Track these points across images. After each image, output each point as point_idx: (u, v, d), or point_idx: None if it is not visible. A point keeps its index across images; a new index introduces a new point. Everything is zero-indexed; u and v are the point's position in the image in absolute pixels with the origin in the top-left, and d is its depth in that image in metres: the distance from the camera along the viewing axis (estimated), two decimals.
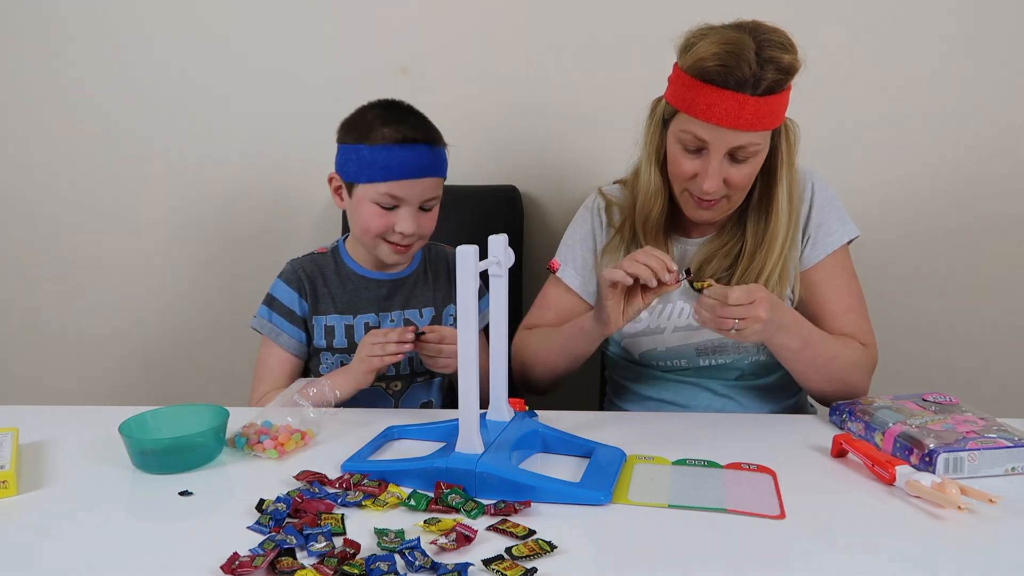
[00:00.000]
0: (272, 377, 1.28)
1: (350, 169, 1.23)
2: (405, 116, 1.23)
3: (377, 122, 1.21)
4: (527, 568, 0.72)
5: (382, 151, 1.19)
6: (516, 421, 0.98)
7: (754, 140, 1.08)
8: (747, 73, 1.03)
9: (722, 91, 1.04)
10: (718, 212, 1.17)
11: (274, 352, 1.28)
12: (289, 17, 1.69)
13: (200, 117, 1.74)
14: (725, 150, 1.09)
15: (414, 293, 1.33)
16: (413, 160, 1.20)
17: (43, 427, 1.08)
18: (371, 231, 1.23)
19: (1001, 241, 1.65)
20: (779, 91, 1.06)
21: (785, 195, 1.16)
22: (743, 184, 1.13)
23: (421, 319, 1.31)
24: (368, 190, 1.21)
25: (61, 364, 1.88)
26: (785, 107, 1.10)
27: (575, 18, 1.63)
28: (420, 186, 1.21)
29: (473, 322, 0.86)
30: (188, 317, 1.83)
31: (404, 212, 1.22)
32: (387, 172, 1.19)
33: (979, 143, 1.62)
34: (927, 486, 0.84)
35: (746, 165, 1.11)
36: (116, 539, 0.80)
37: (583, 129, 1.68)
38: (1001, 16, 1.57)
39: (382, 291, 1.31)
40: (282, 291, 1.28)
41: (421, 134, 1.21)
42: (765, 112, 1.06)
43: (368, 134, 1.20)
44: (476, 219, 1.59)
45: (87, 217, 1.80)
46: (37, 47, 1.72)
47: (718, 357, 1.23)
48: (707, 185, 1.11)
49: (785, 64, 1.05)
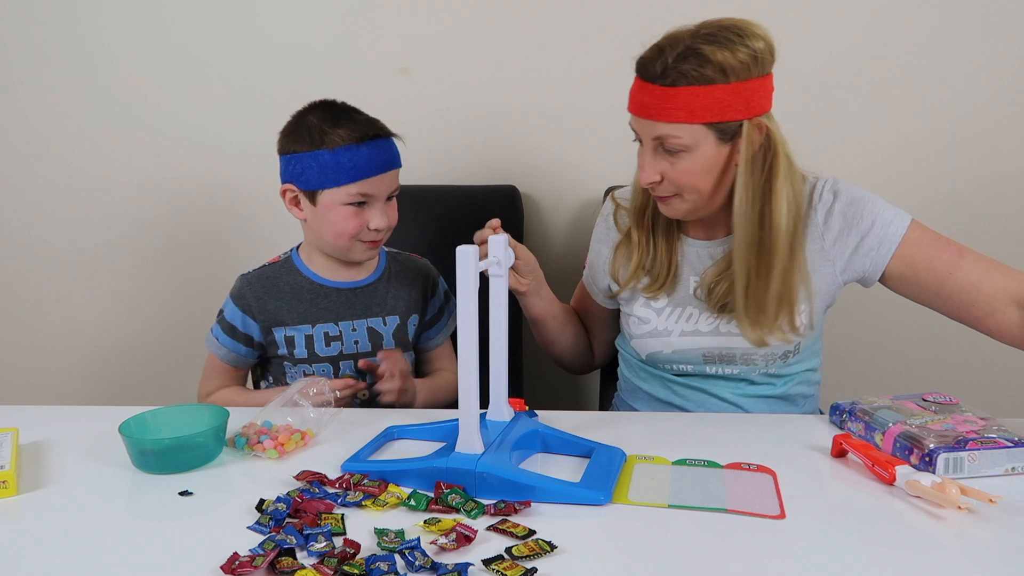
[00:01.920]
0: (208, 379, 1.35)
1: (310, 177, 1.21)
2: (351, 115, 1.23)
3: (326, 125, 1.20)
4: (527, 568, 0.72)
5: (346, 152, 1.19)
6: (516, 421, 0.98)
7: (672, 132, 1.06)
8: (659, 64, 1.05)
9: (640, 81, 1.08)
10: (676, 209, 1.15)
11: (211, 358, 1.34)
12: (289, 17, 1.69)
13: (200, 117, 1.74)
14: (649, 141, 1.10)
15: (375, 300, 1.32)
16: (377, 156, 1.21)
17: (43, 427, 1.08)
18: (346, 233, 1.23)
19: (1001, 241, 1.65)
20: (699, 85, 1.04)
21: (744, 200, 1.09)
22: (685, 181, 1.10)
23: (385, 326, 1.31)
24: (337, 194, 1.21)
25: (61, 364, 1.88)
26: (723, 104, 1.04)
27: (576, 18, 1.63)
28: (387, 180, 1.23)
29: (473, 322, 0.86)
30: (188, 317, 1.84)
31: (375, 208, 1.23)
32: (355, 172, 1.20)
33: (981, 143, 1.62)
34: (927, 486, 0.84)
35: (679, 160, 1.09)
36: (116, 539, 0.80)
37: (583, 129, 1.68)
38: (1001, 16, 1.57)
39: (341, 299, 1.30)
40: (228, 308, 1.31)
41: (376, 130, 1.22)
42: (673, 103, 1.04)
43: (323, 139, 1.19)
44: (476, 219, 1.59)
45: (87, 216, 1.80)
46: (35, 44, 1.72)
47: (725, 366, 1.22)
48: (640, 176, 1.12)
49: (713, 59, 1.02)
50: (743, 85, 1.05)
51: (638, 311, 1.25)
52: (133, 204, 1.79)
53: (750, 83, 1.05)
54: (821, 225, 1.17)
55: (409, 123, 1.69)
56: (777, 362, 1.20)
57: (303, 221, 1.28)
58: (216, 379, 1.34)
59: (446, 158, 1.73)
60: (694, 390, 1.25)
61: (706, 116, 1.05)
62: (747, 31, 1.05)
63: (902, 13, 1.59)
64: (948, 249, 1.14)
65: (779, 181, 1.09)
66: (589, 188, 1.64)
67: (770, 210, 1.09)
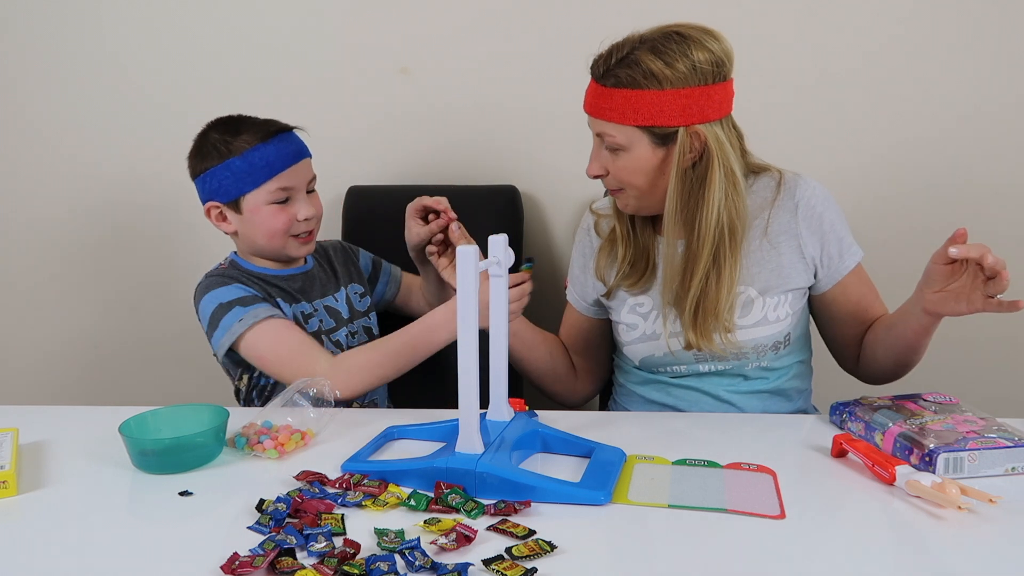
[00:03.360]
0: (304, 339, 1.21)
1: (228, 188, 1.24)
2: (247, 121, 1.27)
3: (228, 136, 1.24)
4: (527, 568, 0.72)
5: (255, 153, 1.23)
6: (516, 421, 0.98)
7: (607, 131, 1.13)
8: (602, 65, 1.11)
9: (591, 80, 1.15)
10: (624, 203, 1.20)
11: (279, 323, 1.22)
12: (289, 17, 1.69)
13: (200, 116, 1.73)
14: (595, 137, 1.17)
15: (318, 283, 1.36)
16: (285, 147, 1.25)
17: (43, 427, 1.08)
18: (278, 230, 1.26)
19: (1001, 241, 1.65)
20: (632, 88, 1.09)
21: (673, 204, 1.13)
22: (624, 178, 1.16)
23: (336, 303, 1.36)
24: (258, 195, 1.24)
25: (61, 364, 1.88)
26: (656, 109, 1.08)
27: (576, 18, 1.63)
28: (302, 170, 1.27)
29: (473, 322, 0.86)
30: (189, 317, 1.83)
31: (298, 199, 1.27)
32: (270, 169, 1.24)
33: (981, 142, 1.62)
34: (927, 486, 0.84)
35: (618, 158, 1.15)
36: (116, 539, 0.80)
37: (583, 129, 1.66)
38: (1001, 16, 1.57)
39: (295, 285, 1.33)
40: (233, 290, 1.24)
41: (277, 126, 1.27)
42: (607, 103, 1.11)
43: (229, 148, 1.24)
44: (476, 219, 1.59)
45: (87, 216, 1.80)
46: (35, 44, 1.72)
47: (718, 363, 1.22)
48: (587, 168, 1.19)
49: (644, 67, 1.07)
50: (679, 92, 1.08)
51: (625, 318, 1.26)
52: (133, 204, 1.79)
53: (687, 91, 1.08)
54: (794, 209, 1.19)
55: (409, 123, 1.71)
56: (768, 354, 1.21)
57: (234, 234, 1.31)
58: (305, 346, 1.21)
59: (446, 158, 1.72)
60: (689, 390, 1.25)
61: (638, 119, 1.10)
62: (693, 40, 1.08)
63: (901, 13, 1.59)
64: (871, 293, 1.25)
65: (711, 190, 1.11)
66: (589, 188, 1.63)
67: (701, 217, 1.12)
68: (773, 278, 1.19)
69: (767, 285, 1.19)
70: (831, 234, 1.19)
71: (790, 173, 1.22)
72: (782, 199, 1.20)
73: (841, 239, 1.20)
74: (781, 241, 1.19)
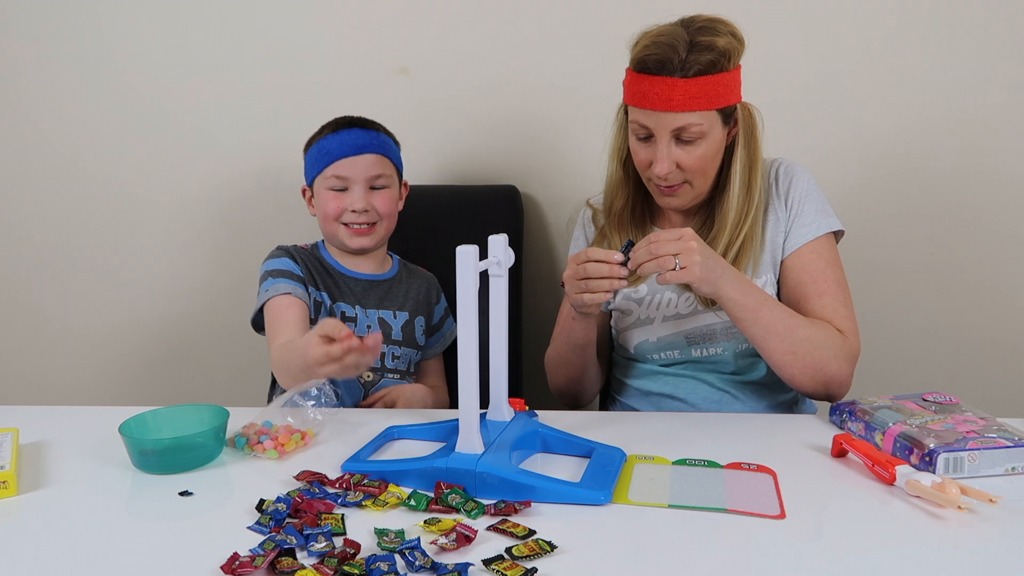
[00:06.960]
0: (286, 324, 1.24)
1: (307, 172, 1.37)
2: (347, 118, 1.36)
3: (320, 129, 1.36)
4: (527, 568, 0.72)
5: (324, 141, 1.33)
6: (516, 421, 0.98)
7: (693, 120, 1.13)
8: (676, 59, 1.11)
9: (655, 78, 1.12)
10: (683, 198, 1.22)
11: (282, 301, 1.27)
12: (289, 17, 1.69)
13: (200, 117, 1.74)
14: (668, 133, 1.15)
15: (389, 294, 1.39)
16: (349, 140, 1.32)
17: (43, 427, 1.08)
18: (329, 215, 1.32)
19: (1002, 240, 1.65)
20: (713, 73, 1.11)
21: (740, 174, 1.19)
22: (698, 167, 1.17)
23: (395, 319, 1.38)
24: (321, 181, 1.33)
25: (61, 364, 1.88)
26: (728, 88, 1.14)
27: (576, 18, 1.63)
28: (362, 163, 1.31)
29: (473, 322, 0.86)
30: (188, 317, 1.84)
31: (354, 190, 1.31)
32: (329, 156, 1.31)
33: (981, 142, 1.62)
34: (927, 486, 0.84)
35: (695, 147, 1.15)
36: (116, 539, 0.80)
37: (583, 129, 1.68)
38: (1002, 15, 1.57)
39: (359, 287, 1.37)
40: (278, 262, 1.33)
41: (353, 120, 1.35)
42: (696, 93, 1.11)
43: (313, 139, 1.36)
44: (476, 219, 1.59)
45: (87, 216, 1.80)
46: (35, 44, 1.72)
47: (709, 346, 1.25)
48: (658, 169, 1.16)
49: (719, 47, 1.11)
50: (737, 70, 1.16)
51: (619, 304, 1.29)
52: (133, 204, 1.79)
53: (738, 68, 1.16)
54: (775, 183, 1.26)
55: (409, 123, 1.70)
56: None
57: (317, 218, 1.38)
58: (287, 328, 1.24)
59: (446, 158, 1.73)
60: (682, 378, 1.27)
61: (719, 102, 1.14)
62: (723, 22, 1.15)
63: (901, 14, 1.59)
64: (820, 281, 1.20)
65: (751, 151, 1.20)
66: (589, 188, 1.63)
67: (753, 176, 1.20)
68: (759, 253, 1.22)
69: (754, 262, 1.22)
70: (804, 200, 1.23)
71: (771, 158, 1.27)
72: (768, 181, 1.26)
73: (812, 207, 1.23)
74: (768, 219, 1.24)
